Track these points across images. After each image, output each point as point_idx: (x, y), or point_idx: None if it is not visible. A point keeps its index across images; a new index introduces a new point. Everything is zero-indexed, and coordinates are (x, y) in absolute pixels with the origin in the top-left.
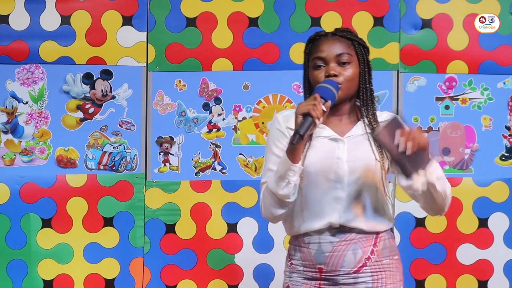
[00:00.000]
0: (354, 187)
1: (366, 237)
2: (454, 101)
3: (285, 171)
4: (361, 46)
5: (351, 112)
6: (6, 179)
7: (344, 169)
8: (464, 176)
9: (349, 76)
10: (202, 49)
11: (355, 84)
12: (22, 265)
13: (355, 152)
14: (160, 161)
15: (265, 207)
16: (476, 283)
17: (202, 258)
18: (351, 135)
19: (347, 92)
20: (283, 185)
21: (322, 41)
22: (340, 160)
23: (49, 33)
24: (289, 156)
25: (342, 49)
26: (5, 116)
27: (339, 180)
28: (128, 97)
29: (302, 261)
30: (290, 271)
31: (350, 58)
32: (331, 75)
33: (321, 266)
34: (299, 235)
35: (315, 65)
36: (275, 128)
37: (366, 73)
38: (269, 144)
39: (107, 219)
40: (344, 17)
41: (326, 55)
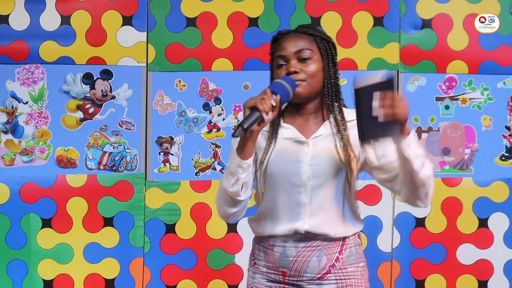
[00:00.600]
0: (318, 192)
1: (331, 244)
2: (454, 101)
3: (234, 167)
4: (324, 41)
5: (317, 111)
6: (6, 179)
7: (307, 173)
8: (464, 176)
9: (311, 71)
10: (202, 49)
11: (319, 80)
12: (22, 265)
13: (319, 155)
14: (160, 161)
15: (218, 205)
16: (476, 283)
17: (202, 258)
18: (316, 136)
19: (310, 88)
20: (233, 182)
21: (284, 39)
22: (303, 163)
23: (49, 33)
24: (239, 152)
25: (302, 45)
26: (5, 116)
27: (302, 184)
28: (128, 97)
29: (265, 262)
30: (253, 271)
31: (312, 54)
32: (291, 72)
33: (284, 270)
34: (264, 236)
35: (278, 64)
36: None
37: (330, 68)
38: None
39: (107, 219)
40: (344, 17)
41: (286, 52)
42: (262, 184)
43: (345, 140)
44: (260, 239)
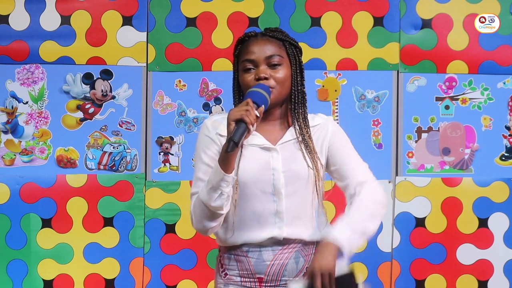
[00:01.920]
0: (292, 199)
1: (307, 246)
2: (454, 101)
3: (217, 182)
4: (292, 47)
5: (283, 117)
6: (6, 179)
7: (281, 181)
8: (464, 176)
9: (281, 78)
10: (202, 49)
11: (287, 86)
12: (22, 265)
13: (289, 161)
14: (160, 161)
15: (196, 220)
16: (476, 283)
17: (202, 258)
18: (283, 142)
19: (279, 95)
20: (216, 196)
21: (252, 42)
22: (276, 171)
23: (49, 33)
24: (222, 165)
25: (272, 50)
26: (5, 116)
27: (276, 192)
28: (128, 97)
29: (239, 270)
30: (225, 283)
31: (281, 60)
32: (261, 78)
33: (261, 276)
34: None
35: (245, 68)
36: (203, 135)
37: (298, 75)
38: (198, 152)
39: (107, 219)
40: (344, 17)
41: (255, 57)
42: (234, 192)
43: (310, 146)
44: (230, 248)
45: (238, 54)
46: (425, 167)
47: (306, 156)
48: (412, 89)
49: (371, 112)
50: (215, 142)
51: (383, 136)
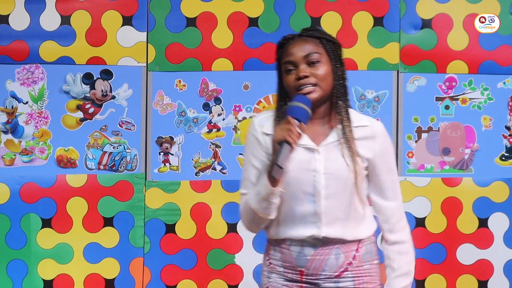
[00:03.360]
0: (331, 200)
1: (349, 243)
2: (454, 101)
3: (267, 194)
4: (330, 43)
5: (326, 115)
6: (6, 179)
7: (321, 183)
8: (464, 176)
9: (321, 75)
10: (202, 49)
11: (330, 82)
12: (22, 265)
13: (330, 163)
14: (160, 161)
15: (247, 222)
16: (476, 283)
17: (202, 258)
18: (326, 143)
19: (322, 92)
20: (265, 206)
21: (290, 44)
22: (317, 173)
23: (49, 33)
24: (270, 180)
25: (309, 49)
26: (5, 116)
27: (316, 193)
28: (128, 97)
29: (282, 261)
30: (269, 271)
31: (320, 57)
32: (302, 77)
33: (302, 269)
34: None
35: (286, 70)
36: (251, 134)
37: (338, 70)
38: (246, 152)
39: (107, 219)
40: (344, 17)
41: (294, 58)
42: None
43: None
44: (276, 241)
45: (279, 58)
46: (425, 167)
47: (347, 158)
48: (412, 89)
49: (371, 112)
50: (260, 142)
51: None
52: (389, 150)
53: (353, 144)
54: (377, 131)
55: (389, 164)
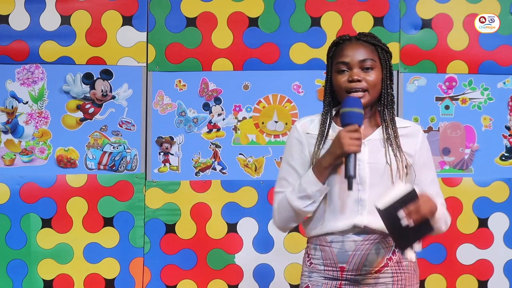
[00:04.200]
0: (376, 189)
1: (388, 238)
2: (454, 101)
3: (314, 192)
4: (384, 52)
5: (372, 116)
6: (6, 179)
7: (365, 171)
8: (464, 176)
9: (373, 81)
10: (202, 49)
11: (378, 89)
12: (22, 265)
13: (375, 155)
14: (160, 161)
15: (281, 220)
16: (476, 283)
17: (202, 258)
18: (371, 139)
19: (370, 98)
20: (309, 203)
21: (346, 45)
22: (362, 162)
23: (49, 33)
24: (319, 177)
25: (366, 54)
26: (5, 116)
27: (361, 182)
28: (128, 97)
29: (323, 260)
30: (309, 271)
31: (374, 64)
32: (354, 80)
33: (343, 265)
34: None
35: (339, 70)
36: (293, 137)
37: (388, 79)
38: (286, 154)
39: (107, 219)
40: (344, 17)
41: (350, 60)
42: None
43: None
44: (316, 239)
45: (332, 56)
46: None
47: (391, 153)
48: (412, 89)
49: None
50: (302, 143)
51: None
52: (428, 149)
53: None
54: (418, 131)
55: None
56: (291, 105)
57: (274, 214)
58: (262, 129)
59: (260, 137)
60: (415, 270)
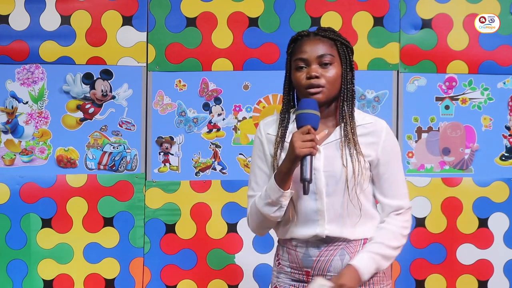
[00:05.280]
0: (333, 198)
1: (353, 243)
2: (454, 101)
3: (277, 198)
4: (343, 46)
5: (332, 114)
6: (6, 179)
7: (321, 180)
8: (464, 176)
9: (331, 77)
10: (202, 49)
11: (338, 85)
12: (22, 265)
13: (331, 162)
14: (160, 161)
15: (253, 225)
16: (476, 283)
17: (202, 258)
18: (328, 142)
19: (329, 94)
20: (275, 209)
21: (305, 41)
22: (317, 171)
23: (49, 33)
24: (281, 184)
25: (324, 50)
26: (5, 116)
27: (317, 191)
28: (128, 97)
29: (289, 262)
30: (277, 271)
31: (332, 59)
32: (312, 77)
33: (308, 269)
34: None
35: (297, 66)
36: (256, 137)
37: (348, 74)
38: (253, 155)
39: (107, 219)
40: (344, 17)
41: (308, 56)
42: None
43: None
44: (283, 241)
45: (291, 53)
46: (425, 167)
47: (347, 157)
48: (412, 89)
49: (371, 112)
50: (263, 143)
51: None
52: (392, 148)
53: (355, 142)
54: (380, 127)
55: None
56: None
57: (247, 218)
58: None
59: None
60: (385, 272)
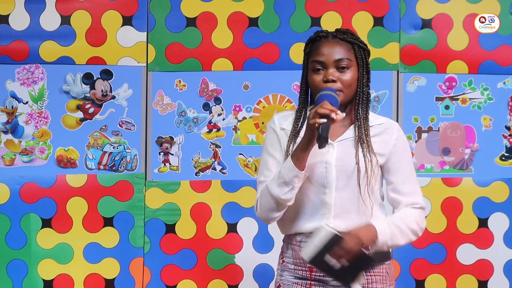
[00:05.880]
0: (342, 193)
1: None
2: (454, 101)
3: (291, 178)
4: (361, 50)
5: (347, 114)
6: (6, 179)
7: (333, 174)
8: (464, 176)
9: (348, 81)
10: (202, 49)
11: (354, 88)
12: (22, 265)
13: (344, 157)
14: (160, 161)
15: (262, 209)
16: (476, 283)
17: (202, 258)
18: (342, 139)
19: (345, 97)
20: (287, 191)
21: (323, 43)
22: (329, 165)
23: (49, 33)
24: (296, 163)
25: (341, 54)
26: (5, 116)
27: (328, 185)
28: (128, 97)
29: (293, 259)
30: (281, 269)
31: (350, 63)
32: (329, 81)
33: (311, 265)
34: (291, 233)
35: (314, 68)
36: (270, 128)
37: (364, 77)
38: (266, 144)
39: (107, 219)
40: (344, 17)
41: (325, 59)
42: None
43: (367, 145)
44: (288, 237)
45: (308, 53)
46: (425, 167)
47: (360, 154)
48: (412, 89)
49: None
50: (278, 136)
51: None
52: (403, 146)
53: (369, 143)
54: (393, 126)
55: (404, 160)
56: (291, 105)
57: (256, 203)
58: (262, 129)
59: (260, 137)
60: (388, 272)
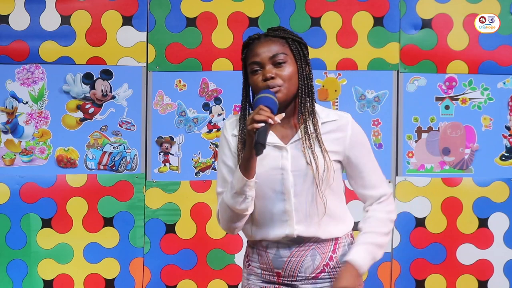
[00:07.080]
0: (302, 198)
1: (325, 243)
2: (454, 101)
3: (241, 188)
4: (296, 43)
5: (292, 114)
6: (6, 179)
7: (289, 181)
8: (464, 176)
9: (287, 75)
10: (202, 49)
11: (295, 82)
12: (22, 265)
13: (298, 160)
14: (160, 161)
15: (223, 221)
16: (476, 283)
17: (202, 258)
18: (294, 141)
19: (287, 92)
20: (240, 201)
21: (256, 44)
22: (285, 171)
23: (49, 33)
24: (244, 172)
25: (276, 49)
26: (5, 116)
27: (285, 191)
28: (128, 97)
29: (259, 263)
30: (248, 272)
31: (286, 57)
32: (268, 78)
33: (278, 270)
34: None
35: (252, 70)
36: (222, 135)
37: (304, 70)
38: (219, 152)
39: (107, 219)
40: (344, 17)
41: (260, 58)
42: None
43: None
44: (253, 242)
45: (244, 58)
46: (425, 167)
47: (311, 155)
48: (412, 89)
49: (371, 112)
50: (230, 143)
51: (383, 136)
52: (360, 139)
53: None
54: (346, 121)
55: (364, 154)
56: None
57: (217, 216)
58: None
59: None
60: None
